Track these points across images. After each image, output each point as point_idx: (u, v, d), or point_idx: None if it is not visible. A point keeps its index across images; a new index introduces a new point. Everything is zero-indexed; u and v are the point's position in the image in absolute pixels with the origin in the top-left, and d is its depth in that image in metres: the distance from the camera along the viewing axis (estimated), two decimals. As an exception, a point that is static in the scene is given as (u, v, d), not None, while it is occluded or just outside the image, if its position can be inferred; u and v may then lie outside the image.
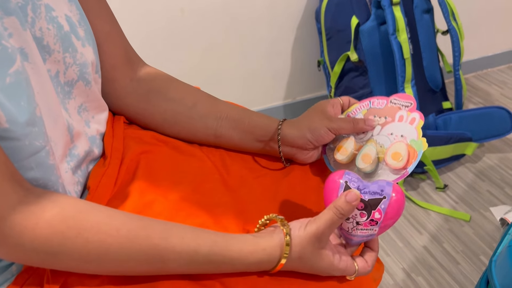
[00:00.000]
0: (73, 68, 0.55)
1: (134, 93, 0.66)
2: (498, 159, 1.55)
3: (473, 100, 1.85)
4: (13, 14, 0.44)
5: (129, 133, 0.66)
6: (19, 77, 0.44)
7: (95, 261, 0.46)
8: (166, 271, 0.49)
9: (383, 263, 1.20)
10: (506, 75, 2.00)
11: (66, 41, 0.53)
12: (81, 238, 0.44)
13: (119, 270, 0.48)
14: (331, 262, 0.51)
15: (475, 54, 1.97)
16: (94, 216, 0.46)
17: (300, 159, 0.65)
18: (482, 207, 1.37)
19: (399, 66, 1.32)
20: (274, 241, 0.50)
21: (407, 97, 0.61)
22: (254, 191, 0.62)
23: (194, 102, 0.66)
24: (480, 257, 1.22)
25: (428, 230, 1.31)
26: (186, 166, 0.63)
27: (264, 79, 1.65)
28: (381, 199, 0.50)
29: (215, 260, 0.48)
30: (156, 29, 1.40)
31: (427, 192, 1.43)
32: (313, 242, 0.50)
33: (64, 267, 0.47)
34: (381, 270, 0.64)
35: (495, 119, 1.51)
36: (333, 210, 0.49)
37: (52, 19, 0.51)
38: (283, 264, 0.50)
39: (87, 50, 0.57)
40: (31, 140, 0.46)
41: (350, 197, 0.49)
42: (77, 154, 0.56)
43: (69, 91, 0.56)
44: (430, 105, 1.49)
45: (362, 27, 1.35)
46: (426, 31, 1.42)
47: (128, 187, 0.58)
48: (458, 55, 1.47)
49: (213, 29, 1.47)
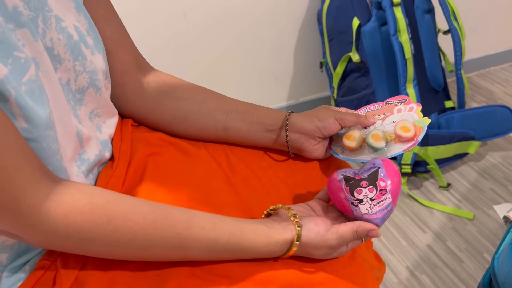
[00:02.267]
0: (83, 75, 0.57)
1: (144, 95, 0.68)
2: (501, 157, 1.55)
3: (475, 98, 1.86)
4: (25, 26, 0.46)
5: (136, 136, 0.68)
6: (32, 85, 0.46)
7: (123, 246, 0.49)
8: (187, 258, 0.53)
9: (387, 262, 1.21)
10: (508, 73, 2.00)
11: (75, 50, 0.55)
12: (111, 225, 0.47)
13: (145, 255, 0.51)
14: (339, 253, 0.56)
15: (478, 53, 1.98)
16: (121, 205, 0.49)
17: (307, 150, 0.66)
18: (486, 205, 1.37)
19: (400, 66, 1.33)
20: (286, 237, 0.53)
21: (400, 97, 0.66)
22: (258, 191, 0.64)
23: (204, 98, 0.68)
24: (483, 255, 1.22)
25: (432, 228, 1.31)
26: (193, 167, 0.65)
27: (267, 80, 1.66)
28: (377, 170, 0.56)
29: (232, 249, 0.52)
30: (159, 33, 1.41)
31: (430, 191, 1.44)
32: (327, 250, 0.55)
33: (94, 252, 0.50)
34: (383, 270, 0.65)
35: (498, 117, 1.51)
36: (353, 234, 0.55)
37: (62, 29, 0.53)
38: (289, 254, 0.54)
39: (96, 58, 0.59)
40: (48, 143, 0.49)
41: (372, 234, 0.55)
42: (87, 159, 0.58)
43: (80, 98, 0.58)
44: (432, 105, 1.50)
45: (363, 28, 1.36)
46: (427, 31, 1.43)
47: (136, 188, 0.60)
48: (459, 54, 1.48)
49: (216, 32, 1.49)
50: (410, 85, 1.35)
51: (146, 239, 0.49)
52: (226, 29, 1.50)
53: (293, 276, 0.53)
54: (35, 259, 0.53)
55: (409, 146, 0.60)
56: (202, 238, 0.51)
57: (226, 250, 0.52)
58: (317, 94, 1.77)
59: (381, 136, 0.61)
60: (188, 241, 0.50)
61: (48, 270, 0.52)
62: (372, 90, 1.41)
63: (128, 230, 0.48)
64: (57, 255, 0.53)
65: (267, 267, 0.54)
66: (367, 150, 0.62)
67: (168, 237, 0.50)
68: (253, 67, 1.61)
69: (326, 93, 1.77)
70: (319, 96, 1.77)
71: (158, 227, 0.49)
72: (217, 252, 0.52)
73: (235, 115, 0.68)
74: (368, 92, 1.43)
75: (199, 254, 0.52)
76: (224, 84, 1.59)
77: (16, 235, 0.47)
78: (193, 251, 0.51)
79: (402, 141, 0.61)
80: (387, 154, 0.60)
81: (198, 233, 0.51)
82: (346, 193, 0.56)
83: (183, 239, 0.50)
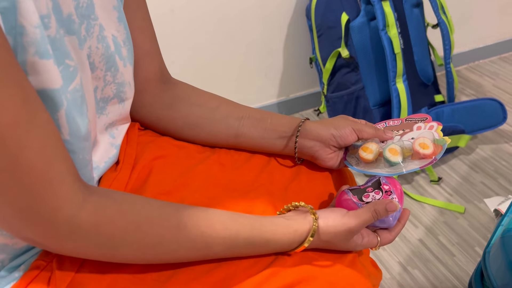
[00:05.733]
0: (111, 86, 0.57)
1: (159, 102, 0.68)
2: (491, 150, 1.56)
3: (465, 92, 1.86)
4: (74, 33, 0.46)
5: (143, 140, 0.68)
6: (76, 94, 0.46)
7: (150, 251, 0.49)
8: (211, 256, 0.53)
9: (379, 258, 1.21)
10: (497, 66, 2.01)
11: (110, 61, 0.55)
12: (140, 231, 0.47)
13: (169, 258, 0.51)
14: (355, 244, 0.57)
15: (467, 46, 1.98)
16: (148, 209, 0.49)
17: (321, 158, 0.65)
18: (477, 199, 1.38)
19: (390, 61, 1.32)
20: (306, 225, 0.54)
21: (421, 115, 0.65)
22: (261, 196, 0.63)
23: (217, 105, 0.68)
24: (475, 249, 1.23)
25: (423, 223, 1.32)
26: (196, 171, 0.64)
27: (256, 77, 1.65)
28: (378, 179, 0.59)
29: (253, 243, 0.53)
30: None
31: (421, 185, 1.44)
32: (347, 234, 0.55)
33: (121, 259, 0.50)
34: (379, 277, 0.65)
35: (487, 110, 1.52)
36: (372, 213, 0.55)
37: (103, 38, 0.53)
38: (305, 247, 0.55)
39: (127, 70, 0.59)
40: (84, 155, 0.49)
41: (390, 207, 0.55)
42: (96, 167, 0.58)
43: (103, 107, 0.58)
44: (422, 99, 1.50)
45: (352, 23, 1.36)
46: (416, 25, 1.43)
47: (138, 192, 0.60)
48: (448, 48, 1.48)
49: (203, 29, 1.48)
50: (400, 80, 1.35)
51: (172, 241, 0.49)
52: (214, 25, 1.48)
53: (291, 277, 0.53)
54: (30, 260, 0.53)
55: (427, 164, 0.58)
56: (224, 234, 0.51)
57: (247, 244, 0.53)
58: (308, 90, 1.76)
59: (399, 151, 0.60)
60: (212, 238, 0.50)
61: (43, 271, 0.51)
62: (362, 86, 1.41)
63: (156, 234, 0.48)
64: (52, 256, 0.52)
65: (266, 271, 0.53)
66: (383, 164, 0.61)
67: (193, 237, 0.50)
68: (242, 64, 1.60)
69: (316, 89, 1.76)
70: (309, 92, 1.76)
71: (182, 228, 0.49)
72: (239, 247, 0.52)
73: (248, 122, 0.67)
74: (358, 88, 1.42)
75: (222, 251, 0.52)
76: (213, 82, 1.58)
77: (41, 243, 0.46)
78: (217, 248, 0.51)
79: (420, 158, 0.59)
80: (403, 170, 0.58)
81: (220, 230, 0.51)
82: (355, 200, 0.57)
83: (206, 237, 0.50)
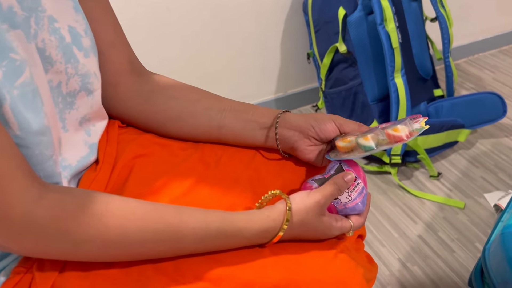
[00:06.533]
0: (75, 78, 0.56)
1: (137, 96, 0.67)
2: (491, 145, 1.55)
3: (465, 85, 1.85)
4: (19, 27, 0.45)
5: (124, 138, 0.67)
6: (26, 89, 0.45)
7: (115, 245, 0.48)
8: (182, 250, 0.52)
9: (378, 254, 1.21)
10: (497, 59, 1.99)
11: (67, 52, 0.54)
12: (102, 224, 0.47)
13: (138, 252, 0.50)
14: (330, 223, 0.57)
15: (466, 39, 1.96)
16: (110, 203, 0.48)
17: (300, 149, 0.65)
18: (477, 194, 1.37)
19: (388, 56, 1.31)
20: (277, 209, 0.55)
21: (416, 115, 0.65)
22: (245, 193, 0.62)
23: (198, 98, 0.67)
24: (475, 244, 1.22)
25: (423, 219, 1.31)
26: (179, 169, 0.63)
27: (254, 73, 1.64)
28: (339, 165, 0.62)
29: (225, 233, 0.52)
30: (142, 28, 1.38)
31: (421, 181, 1.43)
32: (316, 209, 0.55)
33: (86, 256, 0.49)
34: (374, 271, 0.64)
35: (487, 104, 1.50)
36: (333, 186, 0.57)
37: (54, 30, 0.52)
38: (285, 228, 0.54)
39: (90, 61, 0.58)
40: (42, 150, 0.48)
41: (347, 178, 0.58)
42: (68, 165, 0.57)
43: (71, 102, 0.57)
44: (421, 94, 1.49)
45: (349, 18, 1.34)
46: (414, 19, 1.41)
47: (118, 192, 0.59)
48: (447, 42, 1.47)
49: (199, 25, 1.46)
50: (398, 75, 1.34)
51: (139, 234, 0.48)
52: (210, 22, 1.47)
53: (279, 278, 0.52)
54: (11, 266, 0.52)
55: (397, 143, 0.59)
56: (194, 225, 0.51)
57: (219, 236, 0.52)
58: (306, 86, 1.75)
59: (371, 137, 0.60)
60: (180, 230, 0.50)
61: (24, 276, 0.50)
62: (360, 81, 1.40)
63: (120, 228, 0.48)
64: (33, 262, 0.51)
65: (252, 269, 0.53)
66: (358, 152, 0.62)
67: (160, 229, 0.49)
68: (238, 60, 1.58)
69: (314, 84, 1.75)
70: (307, 88, 1.75)
71: (148, 220, 0.49)
72: (211, 239, 0.52)
73: (230, 113, 0.66)
74: (356, 83, 1.41)
75: (193, 243, 0.51)
76: (209, 79, 1.57)
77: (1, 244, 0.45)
78: (187, 241, 0.51)
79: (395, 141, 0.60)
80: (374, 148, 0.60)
81: (189, 221, 0.51)
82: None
83: (174, 228, 0.50)
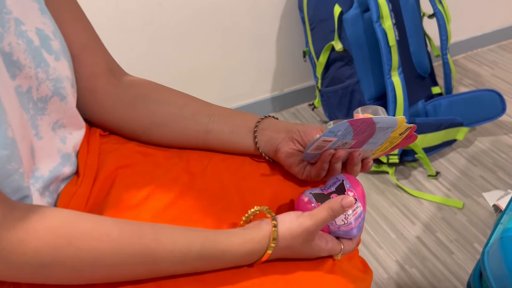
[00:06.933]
0: (46, 83, 0.53)
1: (119, 101, 0.64)
2: (490, 143, 1.53)
3: (463, 82, 1.82)
4: None
5: (106, 148, 0.64)
6: None
7: (88, 268, 0.45)
8: (160, 272, 0.49)
9: (376, 256, 1.19)
10: (496, 54, 1.97)
11: (37, 56, 0.51)
12: (72, 247, 0.44)
13: (113, 275, 0.47)
14: (319, 247, 0.54)
15: (464, 35, 1.94)
16: (82, 224, 0.46)
17: (282, 150, 0.62)
18: (475, 193, 1.35)
19: (384, 54, 1.28)
20: (263, 231, 0.51)
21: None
22: (233, 204, 0.60)
23: (185, 103, 0.65)
24: (474, 245, 1.20)
25: (421, 219, 1.29)
26: (163, 180, 0.61)
27: (249, 72, 1.61)
28: (342, 182, 0.58)
29: (207, 255, 0.49)
30: (133, 25, 1.36)
31: (419, 180, 1.41)
32: (305, 236, 0.52)
33: (56, 279, 0.46)
34: (368, 279, 0.62)
35: (486, 102, 1.48)
36: (328, 211, 0.52)
37: (21, 33, 0.50)
38: (269, 253, 0.51)
39: (61, 64, 0.55)
40: (3, 164, 0.45)
41: (346, 203, 0.52)
42: (40, 176, 0.54)
43: (43, 107, 0.54)
44: (419, 92, 1.46)
45: (345, 15, 1.32)
46: (411, 16, 1.39)
47: (101, 206, 0.57)
48: (445, 38, 1.44)
49: (193, 22, 1.43)
50: (395, 73, 1.31)
51: (113, 257, 0.46)
52: (204, 18, 1.44)
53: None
54: None
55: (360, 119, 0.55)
56: (172, 247, 0.48)
57: (200, 258, 0.49)
58: (302, 84, 1.73)
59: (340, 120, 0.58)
60: (158, 252, 0.47)
61: None
62: (356, 80, 1.37)
63: (92, 250, 0.45)
64: (8, 285, 0.49)
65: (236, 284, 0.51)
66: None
67: (137, 252, 0.47)
68: (233, 58, 1.56)
69: (311, 82, 1.72)
70: (304, 86, 1.72)
71: (124, 242, 0.46)
72: (191, 261, 0.49)
73: (218, 118, 0.64)
74: (352, 82, 1.38)
75: (172, 266, 0.49)
76: (205, 78, 1.54)
77: None
78: (165, 263, 0.48)
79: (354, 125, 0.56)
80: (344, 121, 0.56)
81: (168, 243, 0.48)
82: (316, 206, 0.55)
83: (152, 250, 0.47)
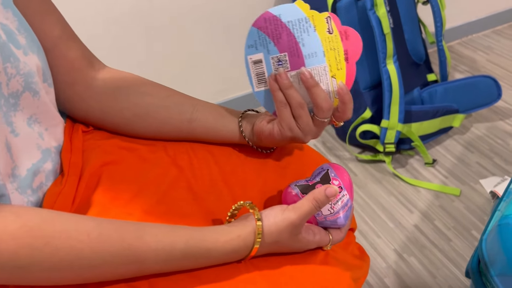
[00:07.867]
0: (17, 78, 0.51)
1: (100, 93, 0.63)
2: (486, 129, 1.52)
3: (458, 68, 1.81)
4: None
5: (89, 145, 0.63)
6: None
7: (67, 268, 0.44)
8: (144, 271, 0.48)
9: (374, 246, 1.19)
10: (491, 39, 1.96)
11: (5, 51, 0.49)
12: (50, 247, 0.43)
13: (94, 275, 0.46)
14: (307, 240, 0.54)
15: (458, 20, 1.93)
16: (61, 224, 0.44)
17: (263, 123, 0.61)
18: (472, 180, 1.35)
19: (379, 42, 1.27)
20: (248, 228, 0.51)
21: None
22: (223, 197, 0.60)
23: (168, 94, 0.64)
24: (471, 232, 1.20)
25: (419, 208, 1.29)
26: (151, 175, 0.60)
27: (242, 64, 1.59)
28: (327, 171, 0.58)
29: (192, 254, 0.48)
30: (123, 20, 1.34)
31: (416, 168, 1.41)
32: (291, 229, 0.51)
33: (35, 280, 0.45)
34: (365, 266, 0.61)
35: (481, 88, 1.48)
36: (312, 202, 0.52)
37: None
38: (257, 248, 0.51)
39: (30, 59, 0.53)
40: None
41: (330, 192, 0.52)
42: (18, 175, 0.52)
43: (15, 103, 0.52)
44: (414, 79, 1.45)
45: (339, 3, 1.30)
46: (406, 3, 1.37)
47: (88, 205, 0.55)
48: (440, 25, 1.43)
49: (184, 17, 1.41)
50: (390, 61, 1.30)
51: (93, 257, 0.44)
52: (195, 12, 1.42)
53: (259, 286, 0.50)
54: None
55: None
56: (156, 246, 0.47)
57: (185, 256, 0.48)
58: (296, 74, 1.71)
59: None
60: (141, 251, 0.46)
61: None
62: (351, 68, 1.36)
63: (71, 250, 0.43)
64: None
65: (233, 285, 0.50)
66: None
67: (118, 251, 0.45)
68: (226, 51, 1.54)
69: (305, 72, 1.71)
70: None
71: (105, 241, 0.45)
72: (176, 260, 0.48)
73: (202, 108, 0.63)
74: (347, 71, 1.37)
75: (156, 265, 0.48)
76: (196, 71, 1.53)
77: None
78: (149, 262, 0.47)
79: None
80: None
81: (151, 241, 0.47)
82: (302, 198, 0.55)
83: (134, 250, 0.46)
